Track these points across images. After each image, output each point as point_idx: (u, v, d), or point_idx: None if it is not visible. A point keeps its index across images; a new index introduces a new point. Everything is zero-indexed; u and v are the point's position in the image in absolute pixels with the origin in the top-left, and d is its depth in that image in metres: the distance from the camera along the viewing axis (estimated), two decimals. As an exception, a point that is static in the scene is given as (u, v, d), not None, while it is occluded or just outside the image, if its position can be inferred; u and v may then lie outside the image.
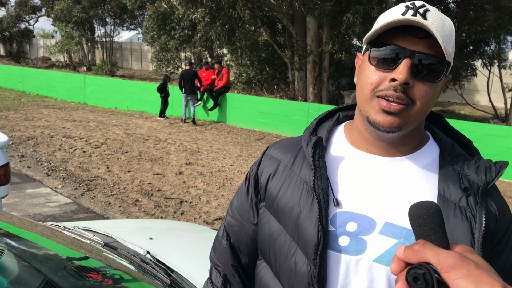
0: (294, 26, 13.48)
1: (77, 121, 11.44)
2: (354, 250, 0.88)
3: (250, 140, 10.67)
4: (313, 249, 0.89)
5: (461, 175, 0.92)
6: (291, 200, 0.96)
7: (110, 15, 27.63)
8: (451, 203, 0.88)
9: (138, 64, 32.89)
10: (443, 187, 0.91)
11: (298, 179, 0.97)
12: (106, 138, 9.43)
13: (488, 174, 0.91)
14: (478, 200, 0.87)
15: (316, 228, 0.89)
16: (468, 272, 0.52)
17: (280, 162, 1.02)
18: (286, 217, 0.96)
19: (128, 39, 37.40)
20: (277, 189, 0.99)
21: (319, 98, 13.55)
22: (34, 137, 9.15)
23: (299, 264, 0.92)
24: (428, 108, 0.90)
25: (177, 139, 10.01)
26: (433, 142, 1.00)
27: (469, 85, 19.15)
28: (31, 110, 12.85)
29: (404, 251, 0.58)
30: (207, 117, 13.00)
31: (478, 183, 0.90)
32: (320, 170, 0.94)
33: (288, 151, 1.03)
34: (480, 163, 0.93)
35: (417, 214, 0.60)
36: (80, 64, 28.69)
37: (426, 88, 0.86)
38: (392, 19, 0.85)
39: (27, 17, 33.79)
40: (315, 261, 0.89)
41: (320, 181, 0.92)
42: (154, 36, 22.15)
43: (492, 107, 14.50)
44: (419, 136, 0.97)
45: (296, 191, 0.96)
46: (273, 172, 1.02)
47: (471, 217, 0.86)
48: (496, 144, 8.43)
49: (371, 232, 0.89)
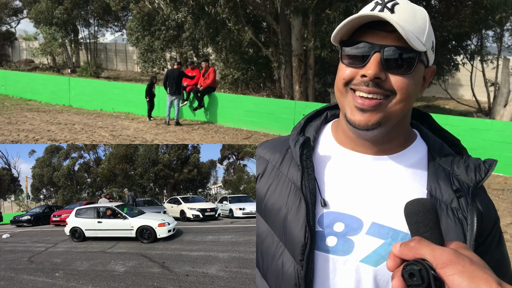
0: (278, 24, 13.49)
1: (62, 124, 11.31)
2: (341, 250, 0.88)
3: (238, 139, 10.66)
4: (300, 250, 0.89)
5: (451, 175, 0.91)
6: (278, 200, 0.95)
7: (94, 16, 27.32)
8: (443, 204, 0.88)
9: (123, 65, 32.59)
10: (434, 187, 0.90)
11: (286, 180, 0.96)
12: (92, 140, 9.34)
13: (477, 173, 0.90)
14: (469, 201, 0.88)
15: (304, 229, 0.89)
16: (463, 268, 0.53)
17: (268, 162, 1.02)
18: (274, 217, 0.95)
19: (112, 40, 37.04)
20: (265, 190, 0.99)
21: (305, 95, 13.59)
22: (18, 141, 9.02)
23: (286, 265, 0.91)
24: (409, 99, 0.88)
25: (163, 139, 9.96)
26: (421, 141, 0.99)
27: (453, 80, 19.38)
28: (15, 113, 12.66)
29: (400, 248, 0.58)
30: (194, 117, 12.94)
31: (468, 183, 0.90)
32: (307, 171, 0.93)
33: (276, 151, 1.02)
34: (470, 162, 0.93)
35: (413, 211, 0.61)
36: (64, 66, 28.29)
37: (402, 78, 0.86)
38: (354, 16, 0.85)
39: (8, 19, 33.25)
40: (302, 262, 0.88)
41: (307, 182, 0.92)
42: (139, 37, 21.97)
43: (475, 101, 14.70)
44: (405, 133, 0.96)
45: (283, 191, 0.95)
46: (261, 173, 1.02)
47: (463, 219, 0.86)
48: (480, 138, 8.55)
49: (358, 233, 0.89)
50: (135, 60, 27.32)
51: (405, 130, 0.96)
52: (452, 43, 14.37)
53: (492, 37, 14.60)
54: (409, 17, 0.86)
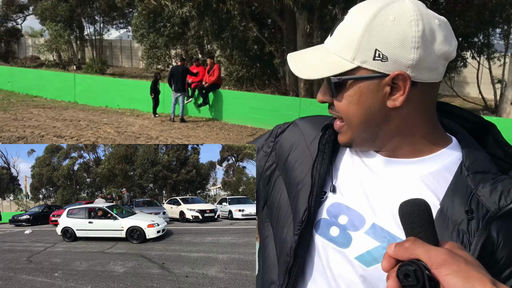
0: (283, 21, 13.46)
1: (68, 120, 11.36)
2: (341, 242, 0.90)
3: (243, 136, 10.67)
4: (298, 225, 0.94)
5: (472, 194, 0.82)
6: (299, 175, 0.99)
7: (99, 13, 27.37)
8: (450, 223, 0.82)
9: (129, 61, 32.67)
10: (447, 203, 0.83)
11: (310, 159, 0.99)
12: (97, 137, 9.38)
13: (503, 197, 0.80)
14: (481, 226, 0.79)
15: (304, 207, 0.94)
16: (458, 268, 0.53)
17: (304, 137, 1.05)
18: (293, 190, 1.00)
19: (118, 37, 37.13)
20: (293, 163, 1.03)
21: (310, 92, 13.56)
22: (24, 137, 9.07)
23: (288, 235, 0.97)
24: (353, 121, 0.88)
25: (168, 136, 9.98)
26: (455, 150, 0.90)
27: (459, 77, 19.27)
28: (21, 110, 12.73)
29: (395, 248, 0.58)
30: (199, 113, 12.96)
31: (488, 207, 0.80)
32: (323, 155, 0.96)
33: (313, 129, 1.04)
34: (500, 183, 0.82)
35: (407, 211, 0.61)
36: (70, 62, 28.40)
37: (337, 102, 0.89)
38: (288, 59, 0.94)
39: (14, 16, 33.40)
40: (296, 237, 0.94)
41: (319, 165, 0.96)
42: (144, 33, 22.00)
43: (482, 99, 14.61)
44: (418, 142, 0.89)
45: (305, 168, 0.99)
46: (295, 145, 1.05)
47: (467, 244, 0.79)
48: (486, 135, 8.49)
49: (358, 230, 0.89)
50: (140, 57, 27.37)
51: (415, 139, 0.89)
52: (458, 40, 14.27)
53: (499, 34, 14.50)
54: (339, 34, 0.87)
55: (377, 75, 0.82)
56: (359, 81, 0.84)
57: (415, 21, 0.80)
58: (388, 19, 0.81)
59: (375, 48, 0.81)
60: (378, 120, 0.87)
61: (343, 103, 0.87)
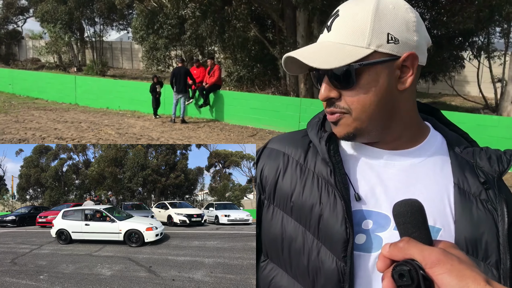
0: (283, 21, 13.47)
1: (69, 122, 11.38)
2: (370, 247, 0.89)
3: (243, 136, 10.68)
4: (342, 246, 0.88)
5: (475, 166, 0.92)
6: (310, 198, 0.94)
7: (99, 15, 27.40)
8: (472, 197, 0.89)
9: (129, 63, 32.69)
10: (461, 180, 0.91)
11: (314, 176, 0.95)
12: (99, 139, 9.40)
13: (500, 164, 0.91)
14: (497, 192, 0.88)
15: (344, 225, 0.88)
16: (452, 267, 0.53)
17: (289, 156, 1.00)
18: (306, 215, 0.94)
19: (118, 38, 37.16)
20: (292, 187, 0.97)
21: (310, 93, 13.57)
22: (26, 139, 9.09)
23: (327, 263, 0.90)
24: (368, 110, 0.88)
25: (169, 137, 9.99)
26: (436, 132, 0.99)
27: (460, 76, 19.28)
28: (22, 112, 12.75)
29: (389, 249, 0.59)
30: (200, 114, 12.97)
31: (492, 174, 0.90)
32: (338, 166, 0.92)
33: (298, 146, 1.00)
34: (491, 153, 0.93)
35: (401, 212, 0.61)
36: (70, 64, 28.43)
37: (350, 92, 0.87)
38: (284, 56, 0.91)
39: (14, 18, 33.45)
40: (345, 258, 0.88)
41: (339, 177, 0.91)
42: (143, 35, 22.00)
43: (482, 98, 14.61)
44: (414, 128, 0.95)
45: (314, 188, 0.94)
46: (282, 168, 0.99)
47: (493, 210, 0.87)
48: (487, 134, 8.50)
49: (387, 229, 0.88)
50: (140, 58, 27.39)
51: (412, 126, 0.94)
52: (458, 39, 14.27)
53: (499, 33, 14.49)
54: (342, 27, 0.88)
55: (391, 58, 0.86)
56: (376, 65, 0.86)
57: (409, 8, 0.88)
58: (389, 7, 0.87)
59: (387, 32, 0.85)
60: (390, 106, 0.89)
61: (359, 91, 0.86)
